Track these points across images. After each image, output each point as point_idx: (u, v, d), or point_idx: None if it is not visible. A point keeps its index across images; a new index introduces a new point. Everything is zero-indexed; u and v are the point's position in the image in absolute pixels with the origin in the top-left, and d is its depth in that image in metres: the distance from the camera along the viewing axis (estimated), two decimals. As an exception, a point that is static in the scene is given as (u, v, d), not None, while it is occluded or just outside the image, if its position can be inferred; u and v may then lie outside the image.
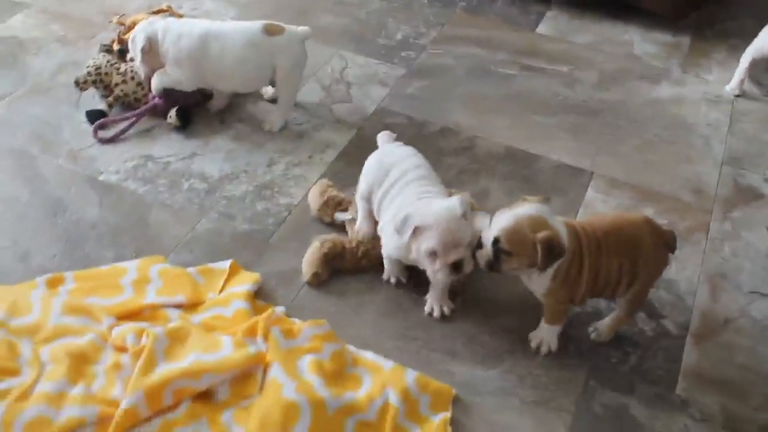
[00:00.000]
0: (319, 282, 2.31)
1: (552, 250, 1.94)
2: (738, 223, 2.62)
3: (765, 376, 2.17)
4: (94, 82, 2.88)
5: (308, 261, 2.32)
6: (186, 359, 2.00)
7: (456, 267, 2.05)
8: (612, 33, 3.47)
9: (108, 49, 3.00)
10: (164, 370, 1.98)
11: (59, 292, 2.24)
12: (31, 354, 2.06)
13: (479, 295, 2.31)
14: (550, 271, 2.02)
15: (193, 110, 2.88)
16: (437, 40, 3.36)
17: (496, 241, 1.96)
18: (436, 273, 2.07)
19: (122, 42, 3.03)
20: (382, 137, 2.44)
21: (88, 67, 2.89)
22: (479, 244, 2.03)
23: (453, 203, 2.06)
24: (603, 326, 2.23)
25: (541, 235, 1.93)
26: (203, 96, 2.91)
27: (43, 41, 3.26)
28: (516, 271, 2.05)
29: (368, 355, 2.13)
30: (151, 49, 2.71)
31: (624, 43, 3.41)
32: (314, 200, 2.50)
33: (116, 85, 2.87)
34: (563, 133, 2.91)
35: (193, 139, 2.80)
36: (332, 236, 2.38)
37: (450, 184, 2.55)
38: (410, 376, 2.06)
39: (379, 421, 1.96)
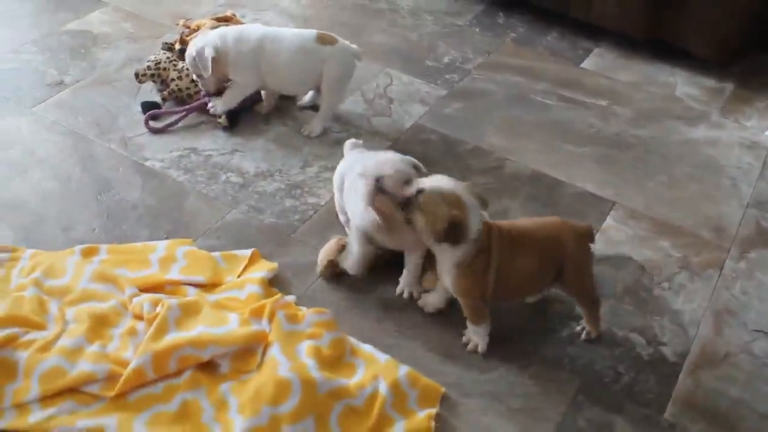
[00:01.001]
0: (331, 274, 2.42)
1: (454, 229, 2.05)
2: (754, 263, 2.64)
3: (757, 412, 2.18)
4: (152, 76, 3.08)
5: (324, 253, 2.44)
6: (194, 330, 2.14)
7: (405, 205, 2.13)
8: (656, 74, 3.52)
9: (170, 47, 3.20)
10: (173, 337, 2.12)
11: (92, 261, 2.41)
12: (58, 312, 2.23)
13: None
14: (454, 257, 2.12)
15: (241, 112, 3.04)
16: (482, 66, 3.48)
17: (419, 191, 2.08)
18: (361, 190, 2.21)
19: (184, 42, 3.23)
20: (347, 146, 2.58)
21: (148, 61, 3.10)
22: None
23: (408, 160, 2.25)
24: (587, 325, 2.32)
25: (454, 212, 2.04)
26: (252, 99, 3.08)
27: (114, 37, 3.50)
28: (425, 239, 2.16)
29: (366, 347, 2.22)
30: (218, 58, 2.86)
31: (666, 84, 3.46)
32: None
33: (172, 80, 3.06)
34: (591, 162, 2.97)
35: (236, 137, 2.97)
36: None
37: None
38: (402, 370, 2.14)
39: (366, 407, 2.05)
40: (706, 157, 3.06)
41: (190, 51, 2.87)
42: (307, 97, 3.09)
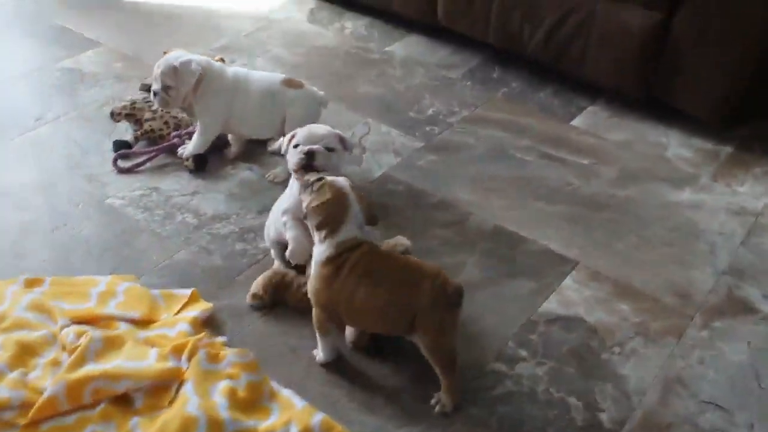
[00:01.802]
0: (259, 304, 2.56)
1: (322, 209, 2.23)
2: (718, 332, 2.64)
3: (692, 487, 2.18)
4: (127, 116, 3.26)
5: (255, 283, 2.56)
6: (111, 363, 2.25)
7: (309, 154, 2.47)
8: (649, 134, 3.56)
9: (147, 89, 3.38)
10: (89, 369, 2.23)
11: (33, 291, 2.55)
12: (-10, 340, 2.37)
13: (418, 354, 2.44)
14: (318, 253, 2.25)
15: (208, 156, 3.19)
16: (466, 120, 3.57)
17: (320, 179, 2.28)
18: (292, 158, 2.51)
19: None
20: None
21: (124, 101, 3.29)
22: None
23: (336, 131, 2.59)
24: (441, 395, 2.31)
25: (331, 198, 2.22)
26: (222, 142, 3.22)
27: (102, 76, 3.72)
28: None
29: (285, 392, 2.30)
30: (199, 81, 2.97)
31: (658, 144, 3.50)
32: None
33: (146, 120, 3.24)
34: (561, 221, 3.02)
35: (200, 179, 3.11)
36: (290, 271, 2.60)
37: (429, 251, 2.76)
38: (317, 417, 2.21)
39: (273, 452, 2.13)
40: (685, 221, 3.08)
41: (169, 61, 2.95)
42: (277, 144, 3.22)
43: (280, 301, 2.57)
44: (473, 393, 2.37)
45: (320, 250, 2.26)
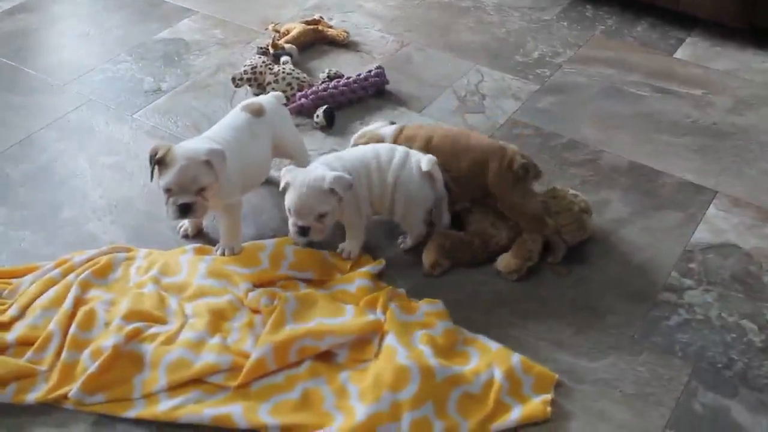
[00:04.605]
0: (438, 271, 2.55)
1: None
2: None
3: None
4: (248, 81, 3.27)
5: (428, 251, 2.57)
6: (312, 321, 2.30)
7: (303, 231, 2.42)
8: (753, 61, 3.57)
9: (264, 52, 3.39)
10: (291, 329, 2.28)
11: (205, 258, 2.59)
12: (177, 307, 2.41)
13: (589, 292, 2.50)
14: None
15: (337, 112, 3.20)
16: (573, 60, 3.58)
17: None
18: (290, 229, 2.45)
19: (276, 47, 3.42)
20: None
21: (244, 66, 3.29)
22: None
23: (324, 176, 2.39)
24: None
25: None
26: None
27: (205, 44, 3.71)
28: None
29: (478, 337, 2.35)
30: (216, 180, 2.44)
31: (764, 71, 3.51)
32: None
33: (268, 84, 3.24)
34: (689, 152, 3.05)
35: (334, 136, 3.12)
36: (451, 231, 2.62)
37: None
38: (515, 358, 2.26)
39: (483, 394, 2.18)
40: (809, 143, 3.11)
41: (197, 155, 2.38)
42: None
43: (456, 263, 2.60)
44: (652, 323, 2.42)
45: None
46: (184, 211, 2.40)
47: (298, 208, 2.39)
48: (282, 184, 2.43)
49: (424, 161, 2.51)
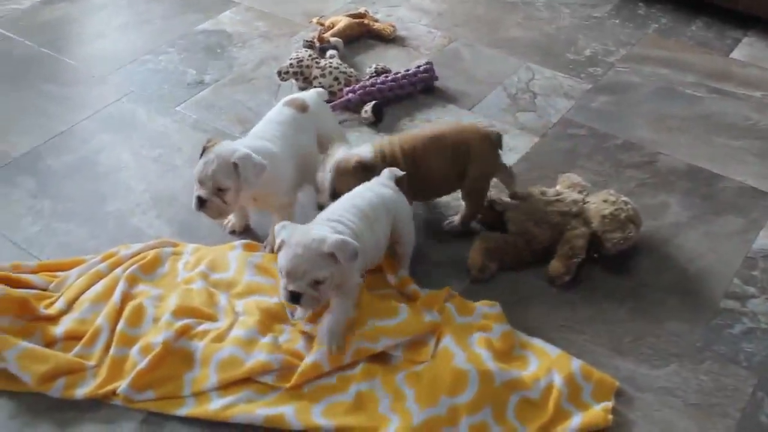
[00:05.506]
0: (485, 275, 2.54)
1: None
2: None
3: None
4: (294, 74, 3.27)
5: (473, 256, 2.55)
6: (366, 324, 2.28)
7: (293, 297, 2.16)
8: (813, 62, 3.54)
9: (310, 45, 3.38)
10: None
11: (253, 255, 2.58)
12: (227, 304, 2.41)
13: (648, 298, 2.47)
14: None
15: (386, 107, 3.20)
16: (626, 59, 3.56)
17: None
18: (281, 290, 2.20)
19: (322, 40, 3.42)
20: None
21: (290, 59, 3.29)
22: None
23: (325, 239, 2.12)
24: (455, 220, 2.68)
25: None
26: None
27: (248, 36, 3.71)
28: None
29: (535, 341, 2.33)
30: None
31: (825, 73, 3.48)
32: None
33: (315, 78, 3.24)
34: (749, 156, 3.02)
35: (381, 132, 3.11)
36: (494, 233, 2.61)
37: (628, 194, 2.72)
38: (576, 364, 2.24)
39: (542, 400, 2.16)
40: None
41: (224, 156, 2.36)
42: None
43: (502, 265, 2.57)
44: (715, 331, 2.39)
45: None
46: (199, 203, 2.39)
47: (289, 269, 2.12)
48: (277, 242, 2.17)
49: (388, 175, 2.46)
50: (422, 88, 3.31)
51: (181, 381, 2.21)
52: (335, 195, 2.44)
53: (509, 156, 2.99)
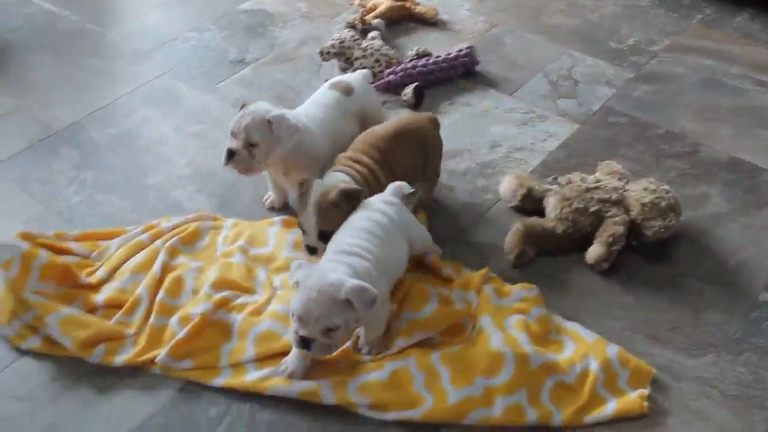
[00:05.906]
0: (523, 261, 2.54)
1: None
2: None
3: None
4: (336, 54, 3.29)
5: (512, 241, 2.56)
6: (402, 317, 2.31)
7: (304, 342, 2.04)
8: None
9: (352, 26, 3.40)
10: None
11: (292, 231, 2.61)
12: (266, 279, 2.44)
13: (687, 288, 2.47)
14: None
15: (426, 90, 3.21)
16: (669, 49, 3.54)
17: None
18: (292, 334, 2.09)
19: (364, 22, 3.44)
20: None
21: (332, 40, 3.31)
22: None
23: (342, 283, 1.99)
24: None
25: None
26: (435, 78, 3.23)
27: (289, 16, 3.74)
28: None
29: (572, 326, 2.34)
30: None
31: None
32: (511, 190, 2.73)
33: (356, 59, 3.26)
34: (795, 150, 3.00)
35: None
36: (532, 219, 2.61)
37: (669, 185, 2.70)
38: (612, 350, 2.25)
39: (578, 384, 2.17)
40: None
41: (260, 114, 2.45)
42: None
43: (541, 251, 2.58)
44: (754, 324, 2.39)
45: None
46: (228, 155, 2.42)
47: (301, 314, 2.00)
48: (292, 281, 2.09)
49: (392, 191, 2.38)
50: (463, 72, 3.31)
51: (219, 352, 2.24)
52: (323, 234, 2.31)
53: (549, 142, 3.00)
